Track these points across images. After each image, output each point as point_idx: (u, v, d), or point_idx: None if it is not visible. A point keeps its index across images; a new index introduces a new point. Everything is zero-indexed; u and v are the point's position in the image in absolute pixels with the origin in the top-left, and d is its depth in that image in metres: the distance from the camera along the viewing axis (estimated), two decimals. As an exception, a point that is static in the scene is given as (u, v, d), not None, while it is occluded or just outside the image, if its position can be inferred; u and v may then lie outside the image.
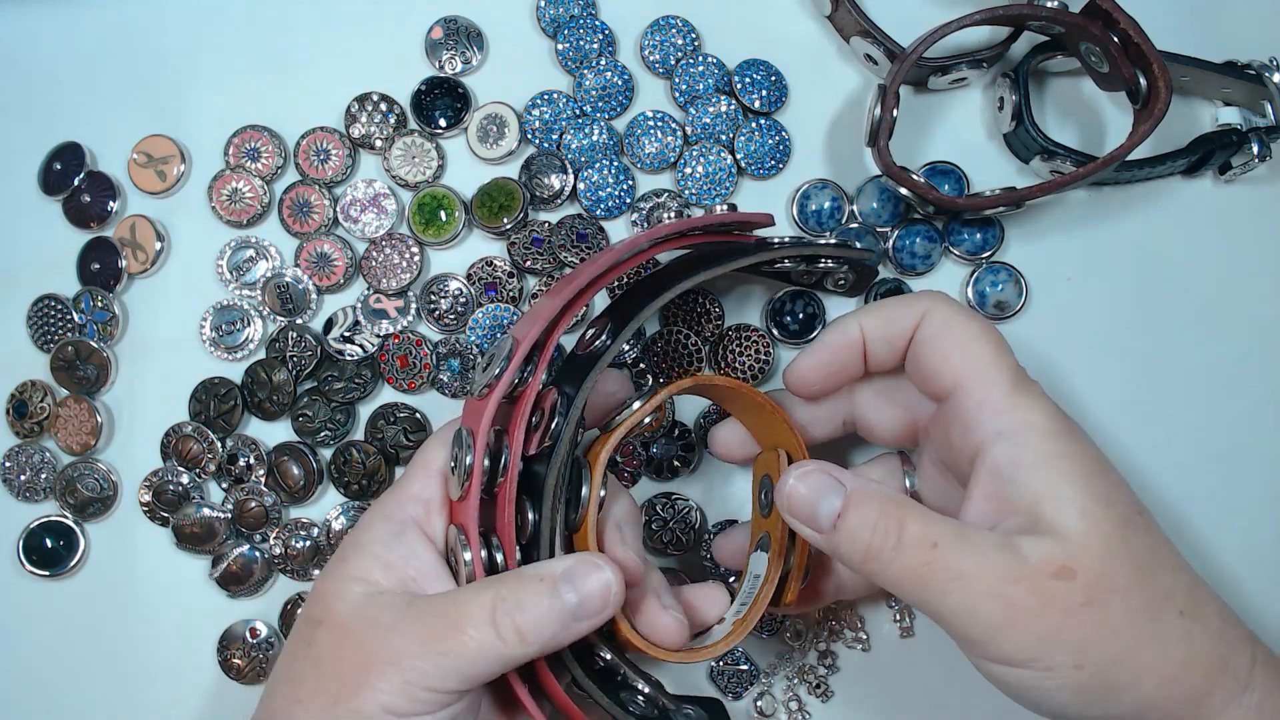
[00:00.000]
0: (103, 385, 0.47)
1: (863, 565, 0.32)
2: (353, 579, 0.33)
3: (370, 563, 0.34)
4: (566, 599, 0.31)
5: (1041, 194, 0.43)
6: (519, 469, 0.34)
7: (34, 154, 0.49)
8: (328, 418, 0.46)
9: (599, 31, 0.48)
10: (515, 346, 0.34)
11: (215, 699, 0.46)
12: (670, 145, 0.47)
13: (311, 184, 0.47)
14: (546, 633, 0.31)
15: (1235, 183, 0.47)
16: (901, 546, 0.31)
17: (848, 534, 0.32)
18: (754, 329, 0.46)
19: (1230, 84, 0.46)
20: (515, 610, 0.31)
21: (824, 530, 0.32)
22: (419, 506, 0.35)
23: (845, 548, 0.32)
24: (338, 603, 0.33)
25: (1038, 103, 0.47)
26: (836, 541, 0.32)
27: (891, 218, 0.46)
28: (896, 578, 0.31)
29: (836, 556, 0.33)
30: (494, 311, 0.46)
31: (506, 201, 0.46)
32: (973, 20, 0.43)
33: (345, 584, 0.33)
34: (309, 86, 0.48)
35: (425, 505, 0.35)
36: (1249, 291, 0.46)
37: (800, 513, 0.33)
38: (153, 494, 0.46)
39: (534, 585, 0.32)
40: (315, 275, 0.47)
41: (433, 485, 0.36)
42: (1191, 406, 0.46)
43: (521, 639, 0.31)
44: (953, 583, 0.31)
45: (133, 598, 0.46)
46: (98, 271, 0.48)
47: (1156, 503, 0.45)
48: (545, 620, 0.31)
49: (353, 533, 0.35)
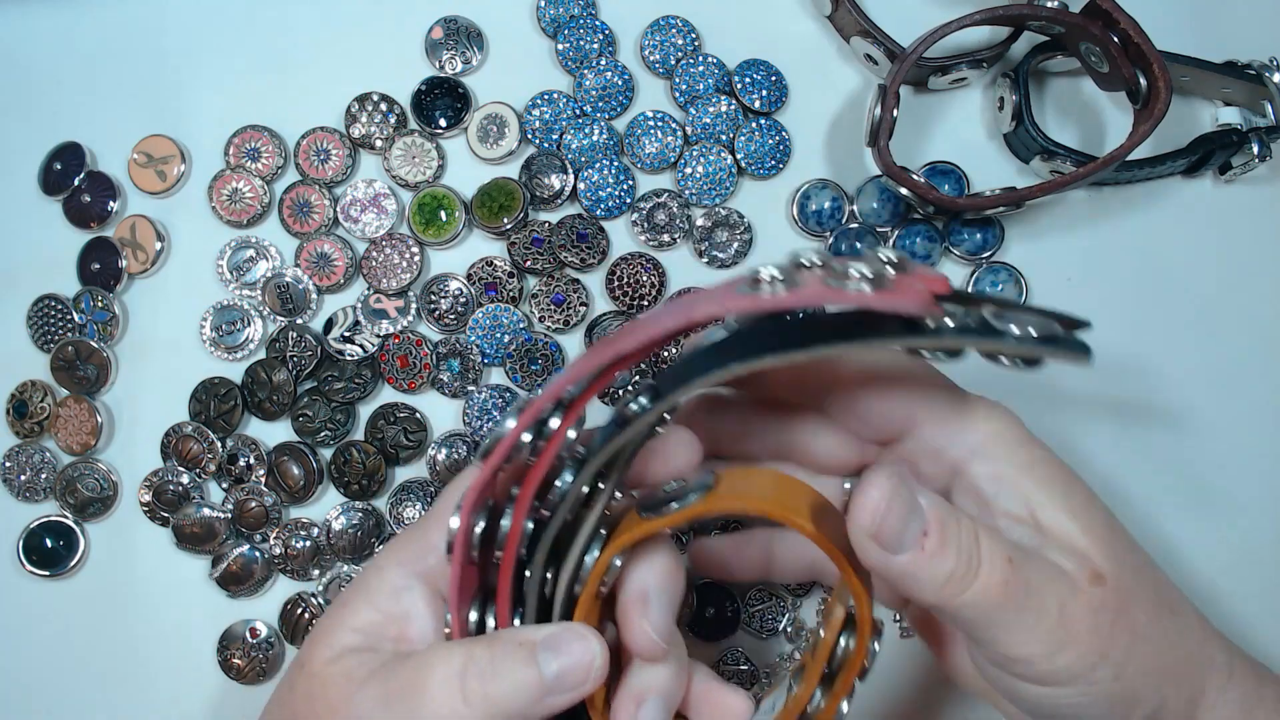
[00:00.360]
0: (103, 385, 0.47)
1: (939, 590, 0.28)
2: (346, 627, 0.32)
3: (369, 612, 0.32)
4: (546, 669, 0.29)
5: (1041, 194, 0.43)
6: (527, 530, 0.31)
7: (34, 154, 0.49)
8: (328, 418, 0.46)
9: (599, 31, 0.48)
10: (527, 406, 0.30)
11: (215, 699, 0.46)
12: (670, 145, 0.47)
13: (312, 184, 0.47)
14: (518, 703, 0.29)
15: (1235, 183, 0.47)
16: (980, 566, 0.28)
17: (934, 557, 0.28)
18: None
19: (1230, 84, 0.46)
20: (488, 675, 0.29)
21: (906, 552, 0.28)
22: (435, 560, 0.32)
23: (927, 573, 0.28)
24: (323, 651, 0.31)
25: (1038, 103, 0.47)
26: (918, 566, 0.28)
27: (891, 218, 0.46)
28: (971, 600, 0.28)
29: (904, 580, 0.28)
30: (494, 311, 0.46)
31: (506, 201, 0.46)
32: (973, 20, 0.43)
33: (336, 633, 0.31)
34: (309, 86, 0.48)
35: (440, 559, 0.32)
36: (1249, 291, 0.46)
37: (887, 534, 0.28)
38: (153, 494, 0.46)
39: (510, 650, 0.29)
40: (315, 275, 0.47)
41: None
42: (1191, 407, 0.46)
43: (488, 705, 0.28)
44: (1023, 605, 0.28)
45: (133, 598, 0.46)
46: (98, 271, 0.48)
47: (1157, 503, 0.45)
48: (519, 689, 0.29)
49: (362, 576, 0.33)
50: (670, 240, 0.46)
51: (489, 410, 0.46)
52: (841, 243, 0.46)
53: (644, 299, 0.46)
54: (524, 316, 0.46)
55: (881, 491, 0.27)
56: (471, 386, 0.46)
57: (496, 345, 0.46)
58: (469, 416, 0.46)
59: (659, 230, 0.46)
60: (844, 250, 0.46)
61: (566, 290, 0.46)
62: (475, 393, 0.46)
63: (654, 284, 0.46)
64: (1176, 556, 0.45)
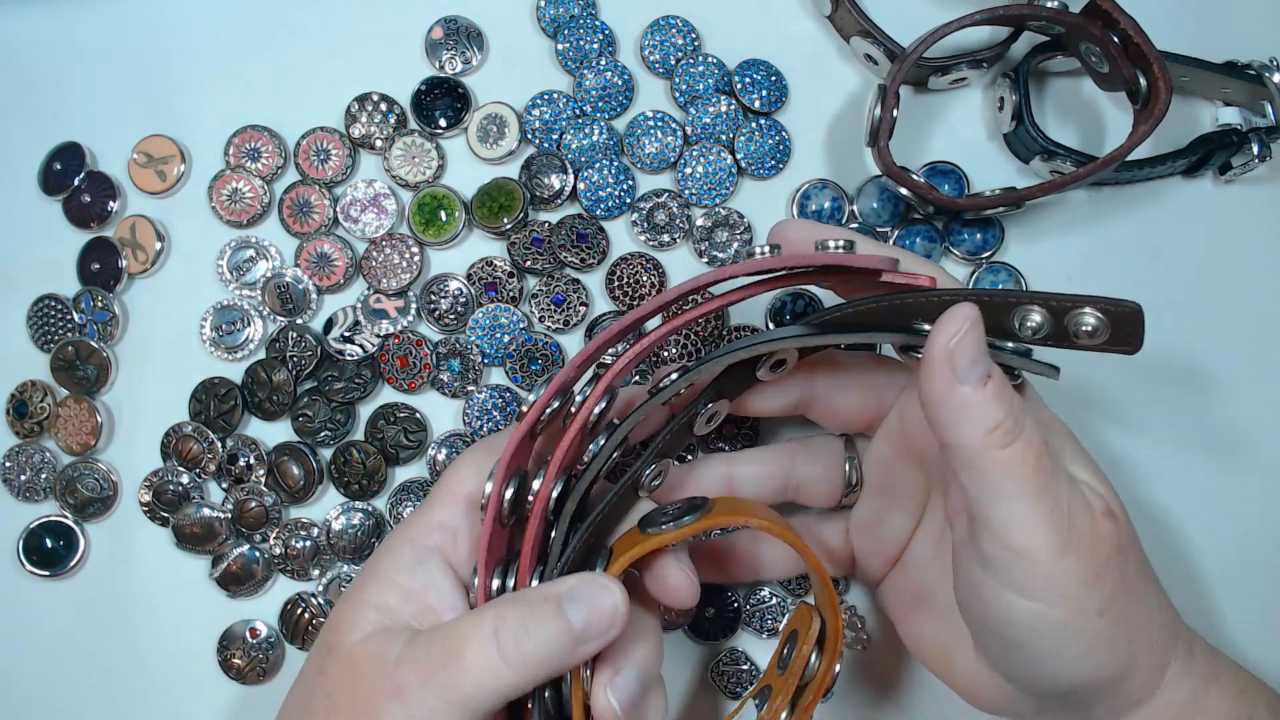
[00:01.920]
0: (103, 385, 0.47)
1: (983, 435, 0.29)
2: (369, 606, 0.32)
3: (389, 590, 0.33)
4: (573, 618, 0.30)
5: (1041, 194, 0.43)
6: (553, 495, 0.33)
7: (34, 154, 0.49)
8: (328, 418, 0.46)
9: (599, 31, 0.48)
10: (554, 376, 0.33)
11: (215, 699, 0.46)
12: (670, 145, 0.47)
13: (311, 184, 0.47)
14: (554, 655, 0.30)
15: (1235, 183, 0.47)
16: (1021, 433, 0.29)
17: (991, 398, 0.29)
18: (754, 329, 0.46)
19: (1230, 84, 0.46)
20: (520, 633, 0.30)
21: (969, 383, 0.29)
22: (444, 534, 0.34)
23: (979, 412, 0.29)
24: (351, 632, 0.32)
25: (1038, 103, 0.47)
26: (973, 400, 0.29)
27: (891, 218, 0.46)
28: (1005, 459, 0.29)
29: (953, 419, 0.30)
30: (494, 311, 0.46)
31: (506, 201, 0.46)
32: (973, 20, 0.43)
33: (361, 611, 0.32)
34: (309, 86, 0.48)
35: (451, 533, 0.34)
36: (1249, 291, 0.46)
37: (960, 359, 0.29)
38: (153, 494, 0.46)
39: (538, 606, 0.30)
40: (315, 275, 0.47)
41: (459, 512, 0.34)
42: (1191, 407, 0.46)
43: (525, 662, 0.29)
44: (1046, 488, 0.29)
45: (133, 598, 0.46)
46: (98, 271, 0.48)
47: (1156, 504, 0.45)
48: (551, 641, 0.30)
49: (373, 558, 0.34)
50: (670, 240, 0.46)
51: (489, 410, 0.46)
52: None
53: (644, 299, 0.46)
54: (524, 316, 0.46)
55: (966, 315, 0.29)
56: (471, 386, 0.46)
57: (496, 345, 0.46)
58: (469, 416, 0.46)
59: (659, 230, 0.46)
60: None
61: (566, 290, 0.46)
62: (475, 393, 0.46)
63: (654, 284, 0.46)
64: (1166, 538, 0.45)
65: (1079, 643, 0.31)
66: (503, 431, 0.35)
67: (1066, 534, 0.30)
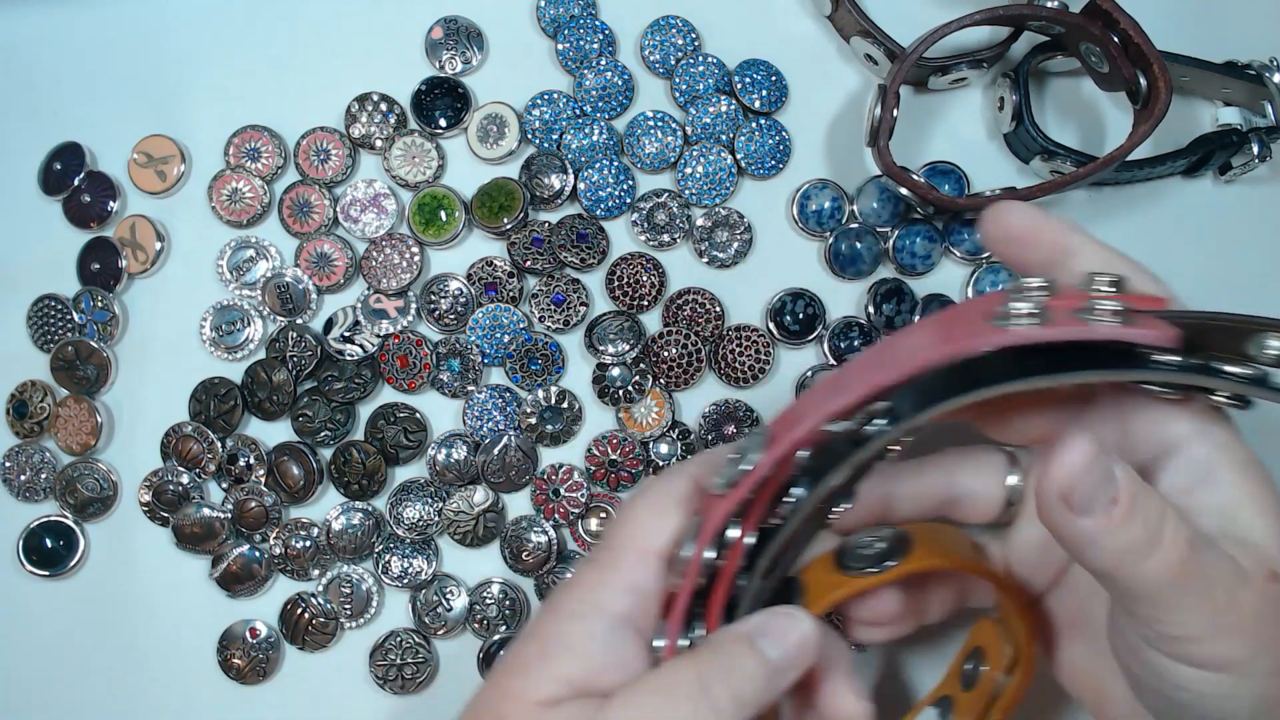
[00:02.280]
0: (103, 385, 0.47)
1: (1116, 559, 0.28)
2: (552, 680, 0.30)
3: (577, 665, 0.30)
4: (769, 654, 0.29)
5: (1041, 194, 0.43)
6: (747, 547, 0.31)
7: (34, 154, 0.49)
8: (328, 418, 0.46)
9: (599, 31, 0.48)
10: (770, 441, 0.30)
11: (215, 699, 0.46)
12: (670, 145, 0.47)
13: (311, 184, 0.47)
14: (757, 693, 0.29)
15: (1235, 183, 0.47)
16: (1161, 543, 0.28)
17: (1118, 527, 0.27)
18: (754, 329, 0.46)
19: (1230, 84, 0.46)
20: (723, 678, 0.28)
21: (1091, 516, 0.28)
22: (634, 598, 0.31)
23: (1109, 540, 0.28)
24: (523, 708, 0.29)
25: (1038, 103, 0.47)
26: (1101, 532, 0.28)
27: (891, 218, 0.46)
28: (1144, 574, 0.28)
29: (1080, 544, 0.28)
30: (494, 311, 0.46)
31: (506, 201, 0.46)
32: (973, 20, 0.43)
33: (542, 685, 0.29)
34: (309, 86, 0.48)
35: (643, 599, 0.31)
36: (1249, 291, 0.46)
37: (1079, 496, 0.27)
38: (153, 494, 0.46)
39: (730, 647, 0.29)
40: (315, 275, 0.47)
41: (650, 574, 0.31)
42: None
43: (738, 706, 0.28)
44: (1201, 584, 0.28)
45: (133, 598, 0.46)
46: (98, 271, 0.48)
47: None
48: (754, 680, 0.29)
49: (554, 622, 0.31)
50: (670, 240, 0.46)
51: (489, 410, 0.46)
52: (842, 243, 0.46)
53: (644, 299, 0.46)
54: (524, 316, 0.46)
55: (1081, 453, 0.27)
56: (471, 386, 0.46)
57: (496, 345, 0.46)
58: (469, 416, 0.46)
59: (659, 230, 0.46)
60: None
61: (566, 290, 0.46)
62: (475, 393, 0.46)
63: (654, 284, 0.46)
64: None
65: (1249, 703, 0.29)
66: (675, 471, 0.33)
67: (1224, 617, 0.28)
